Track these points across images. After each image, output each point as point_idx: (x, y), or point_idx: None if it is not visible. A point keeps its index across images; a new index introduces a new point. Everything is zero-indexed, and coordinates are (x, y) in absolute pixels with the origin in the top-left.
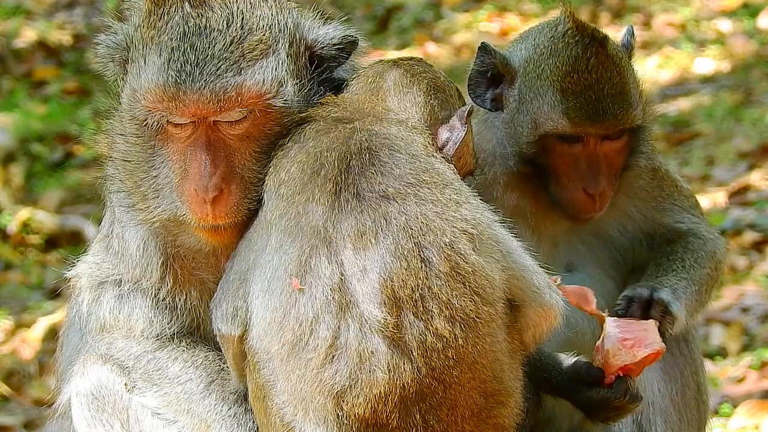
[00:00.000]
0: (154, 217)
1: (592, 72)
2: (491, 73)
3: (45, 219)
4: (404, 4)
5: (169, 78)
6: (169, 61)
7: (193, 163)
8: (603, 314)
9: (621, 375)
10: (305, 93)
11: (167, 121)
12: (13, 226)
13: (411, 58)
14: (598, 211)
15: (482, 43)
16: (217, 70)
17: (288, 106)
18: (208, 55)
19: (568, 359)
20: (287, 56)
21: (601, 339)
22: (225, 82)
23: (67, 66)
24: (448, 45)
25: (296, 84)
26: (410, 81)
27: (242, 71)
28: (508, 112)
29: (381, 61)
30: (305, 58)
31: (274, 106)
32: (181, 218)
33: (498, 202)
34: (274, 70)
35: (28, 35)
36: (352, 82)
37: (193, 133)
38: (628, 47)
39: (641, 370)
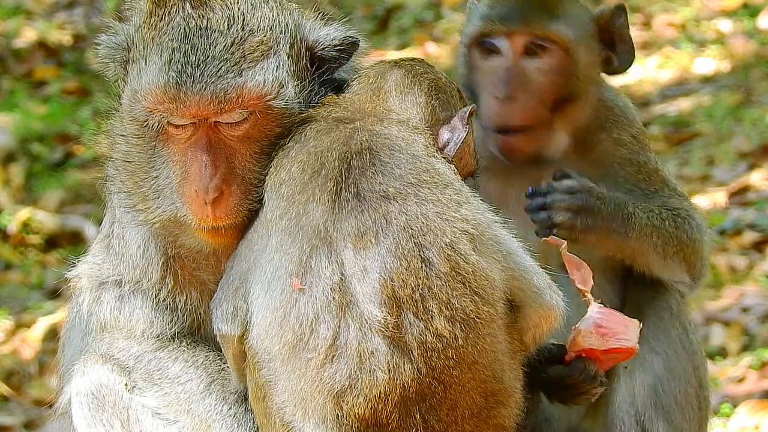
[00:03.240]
0: (155, 218)
1: None
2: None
3: (45, 219)
4: (404, 4)
5: (170, 79)
6: (170, 62)
7: (194, 164)
8: (590, 297)
9: (582, 356)
10: (306, 94)
11: (168, 122)
12: (13, 226)
13: (412, 59)
14: (505, 115)
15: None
16: (218, 71)
17: (289, 108)
18: (208, 56)
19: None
20: (288, 57)
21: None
22: (226, 84)
23: (67, 66)
24: (448, 45)
25: (297, 85)
26: (411, 81)
27: (243, 72)
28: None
29: (382, 61)
30: (306, 59)
31: (275, 107)
32: (181, 219)
33: (484, 194)
34: (275, 72)
35: (28, 35)
36: (353, 83)
37: (194, 135)
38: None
39: (609, 365)
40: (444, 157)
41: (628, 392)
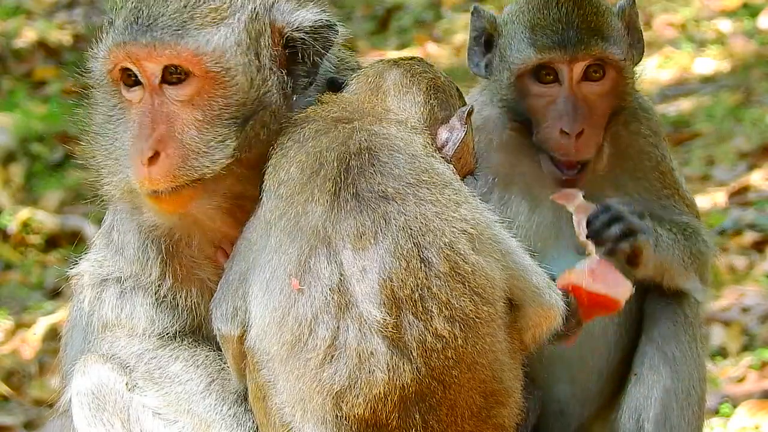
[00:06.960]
0: (115, 188)
1: (562, 7)
2: (483, 38)
3: (45, 219)
4: (404, 4)
5: (123, 34)
6: (125, 20)
7: (137, 126)
8: (593, 249)
9: (568, 291)
10: (276, 79)
11: (119, 79)
12: (13, 226)
13: (411, 58)
14: (576, 152)
15: (474, 6)
16: (164, 26)
17: (234, 81)
18: (160, 14)
19: None
20: (245, 31)
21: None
22: (167, 36)
23: (67, 66)
24: (448, 45)
25: (252, 62)
26: (410, 81)
27: (188, 32)
28: (494, 67)
29: (381, 60)
30: (275, 41)
31: (214, 72)
32: (133, 188)
33: (493, 170)
34: (221, 39)
35: (28, 35)
36: (352, 82)
37: (141, 98)
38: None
39: (590, 315)
40: (443, 157)
41: (637, 393)
